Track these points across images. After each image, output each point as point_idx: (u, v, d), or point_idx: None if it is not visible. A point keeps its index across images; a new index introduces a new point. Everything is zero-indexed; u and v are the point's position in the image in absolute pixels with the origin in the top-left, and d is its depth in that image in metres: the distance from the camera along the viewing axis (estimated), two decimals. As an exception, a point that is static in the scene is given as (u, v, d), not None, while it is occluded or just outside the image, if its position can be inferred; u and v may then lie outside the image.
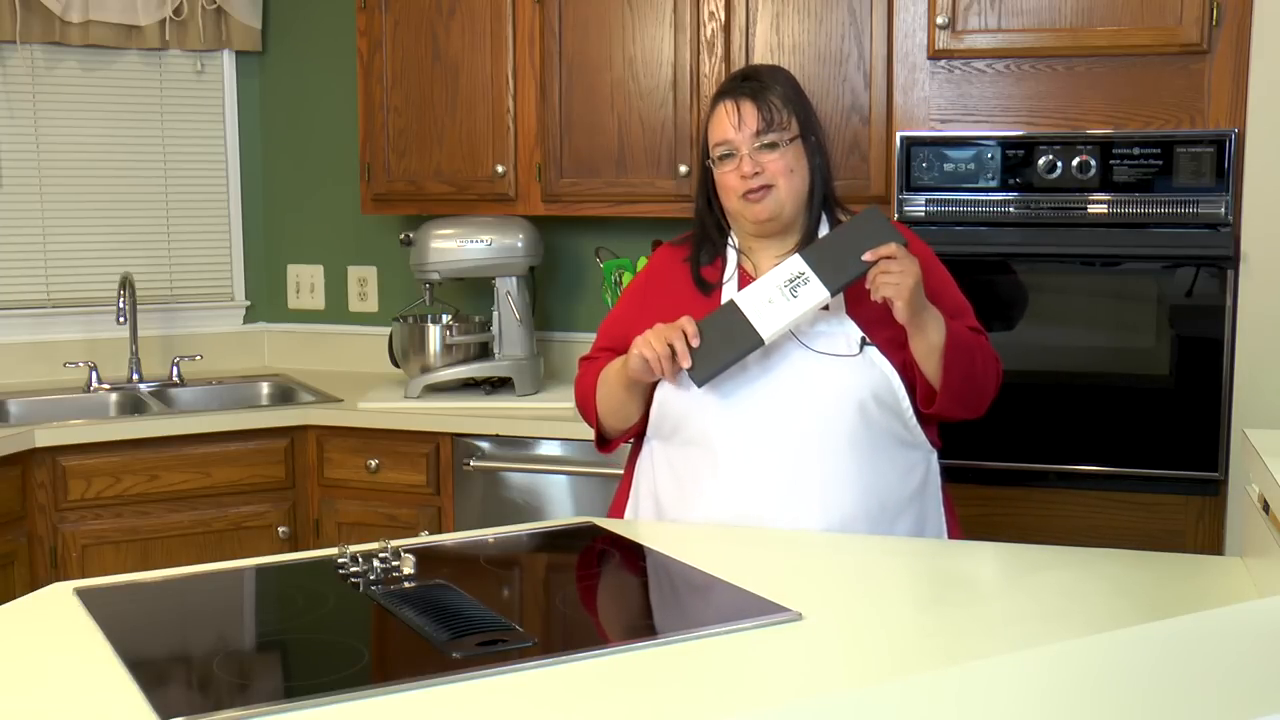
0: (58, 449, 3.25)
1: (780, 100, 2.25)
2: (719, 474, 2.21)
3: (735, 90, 2.28)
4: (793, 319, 2.14)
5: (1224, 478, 2.81)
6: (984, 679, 1.25)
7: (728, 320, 2.16)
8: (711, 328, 2.17)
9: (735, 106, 2.25)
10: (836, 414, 2.18)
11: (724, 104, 2.28)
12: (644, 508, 2.34)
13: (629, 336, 2.35)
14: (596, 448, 2.43)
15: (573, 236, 3.85)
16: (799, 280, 2.14)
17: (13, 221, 3.88)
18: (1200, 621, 1.39)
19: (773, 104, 2.24)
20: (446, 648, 1.61)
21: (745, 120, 2.24)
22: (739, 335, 2.15)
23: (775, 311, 2.14)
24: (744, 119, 2.24)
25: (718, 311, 2.19)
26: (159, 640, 1.71)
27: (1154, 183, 2.81)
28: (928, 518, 2.29)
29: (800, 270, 2.14)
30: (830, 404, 2.18)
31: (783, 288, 2.14)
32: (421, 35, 3.62)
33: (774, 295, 2.14)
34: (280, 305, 4.25)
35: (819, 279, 2.13)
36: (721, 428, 2.21)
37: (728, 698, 1.49)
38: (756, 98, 2.25)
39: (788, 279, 2.14)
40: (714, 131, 2.28)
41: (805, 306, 2.13)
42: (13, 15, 3.72)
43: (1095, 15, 2.85)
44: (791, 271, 2.15)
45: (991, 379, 2.30)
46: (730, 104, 2.26)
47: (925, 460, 2.29)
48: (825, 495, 2.18)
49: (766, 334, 2.14)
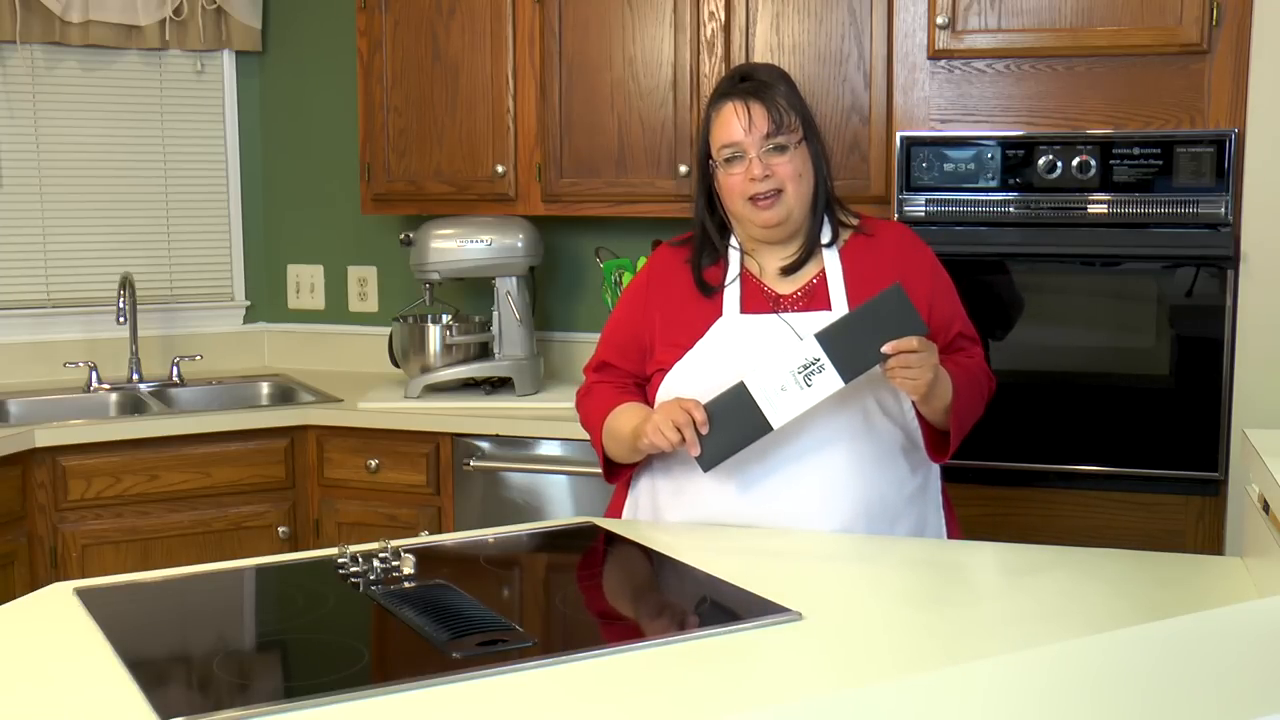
0: (58, 449, 3.25)
1: (786, 102, 2.23)
2: (718, 483, 2.20)
3: (740, 91, 2.24)
4: (805, 409, 2.10)
5: (1224, 478, 2.81)
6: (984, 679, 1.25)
7: (738, 405, 2.12)
8: (721, 411, 2.13)
9: (745, 108, 2.22)
10: (839, 417, 2.18)
11: (731, 105, 2.23)
12: (643, 507, 2.34)
13: (632, 339, 2.35)
14: (606, 479, 2.39)
15: (573, 236, 3.85)
16: (814, 368, 2.09)
17: (13, 221, 3.88)
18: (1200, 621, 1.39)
19: (780, 105, 2.22)
20: (446, 648, 1.61)
21: (756, 122, 2.21)
22: (749, 423, 2.11)
23: (787, 400, 2.10)
24: (754, 121, 2.21)
25: (728, 394, 2.14)
26: (159, 640, 1.71)
27: (1154, 183, 2.81)
28: (927, 520, 2.29)
29: (816, 357, 2.09)
30: (832, 407, 2.17)
31: (796, 374, 2.09)
32: (421, 35, 3.62)
33: (787, 382, 2.10)
34: (280, 305, 4.25)
35: (834, 368, 2.08)
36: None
37: (728, 698, 1.49)
38: (763, 98, 2.22)
39: (802, 365, 2.09)
40: (720, 133, 2.24)
41: (819, 397, 2.09)
42: (13, 15, 3.72)
43: (1095, 15, 2.85)
44: (807, 358, 2.09)
45: (987, 397, 2.31)
46: (740, 105, 2.22)
47: (925, 463, 2.29)
48: (825, 498, 2.17)
49: (777, 423, 2.11)
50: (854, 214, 2.35)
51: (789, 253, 2.29)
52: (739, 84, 2.27)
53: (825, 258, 2.28)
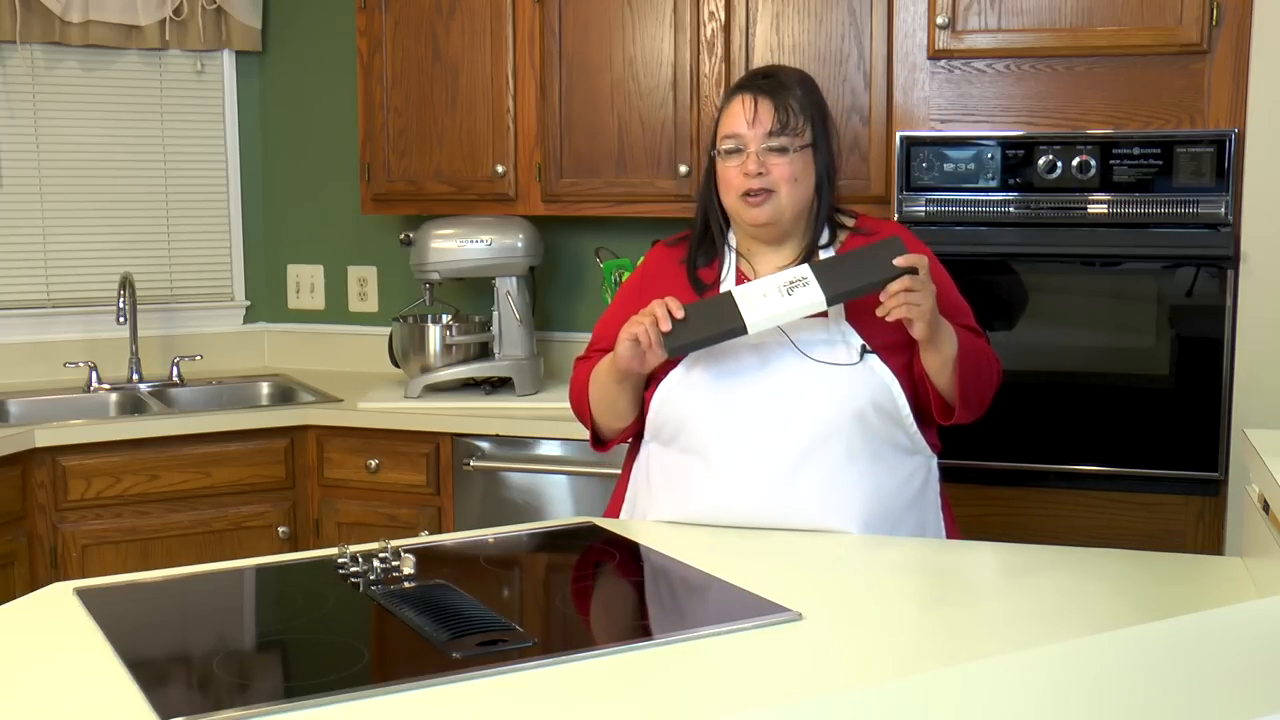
0: (58, 449, 3.25)
1: (798, 105, 2.23)
2: (714, 482, 2.20)
3: (754, 86, 2.24)
4: (781, 314, 2.11)
5: (1224, 478, 2.81)
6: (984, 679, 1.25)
7: (718, 304, 2.15)
8: (699, 308, 2.16)
9: (753, 102, 2.22)
10: (835, 423, 2.17)
11: (741, 97, 2.24)
12: (640, 507, 2.33)
13: None
14: (592, 446, 2.42)
15: (573, 236, 3.85)
16: (799, 282, 2.12)
17: (13, 221, 3.88)
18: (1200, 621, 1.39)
19: (790, 107, 2.22)
20: (446, 648, 1.61)
21: (760, 117, 2.21)
22: (724, 318, 2.13)
23: (766, 305, 2.12)
24: (759, 116, 2.21)
25: (712, 297, 2.19)
26: (159, 640, 1.71)
27: (1154, 183, 2.81)
28: (927, 521, 2.28)
29: (803, 275, 2.12)
30: (829, 413, 2.16)
31: (781, 286, 2.12)
32: (421, 35, 3.62)
33: (769, 290, 2.13)
34: (280, 305, 4.25)
35: (819, 285, 2.11)
36: (719, 436, 2.19)
37: (728, 698, 1.49)
38: (774, 97, 2.22)
39: (789, 280, 2.13)
40: (726, 123, 2.25)
41: (796, 305, 2.11)
42: (13, 15, 3.72)
43: (1095, 15, 2.85)
44: (795, 275, 2.13)
45: (994, 380, 2.30)
46: (748, 98, 2.23)
47: (925, 465, 2.28)
48: (823, 503, 2.16)
49: (751, 321, 2.11)
50: (851, 214, 2.35)
51: (784, 259, 2.28)
52: (759, 79, 2.27)
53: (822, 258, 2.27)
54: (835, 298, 2.11)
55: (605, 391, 2.30)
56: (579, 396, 2.38)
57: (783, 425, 2.17)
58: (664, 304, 2.14)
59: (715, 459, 2.20)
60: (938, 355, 2.15)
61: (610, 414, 2.32)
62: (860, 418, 2.18)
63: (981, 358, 2.24)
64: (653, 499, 2.30)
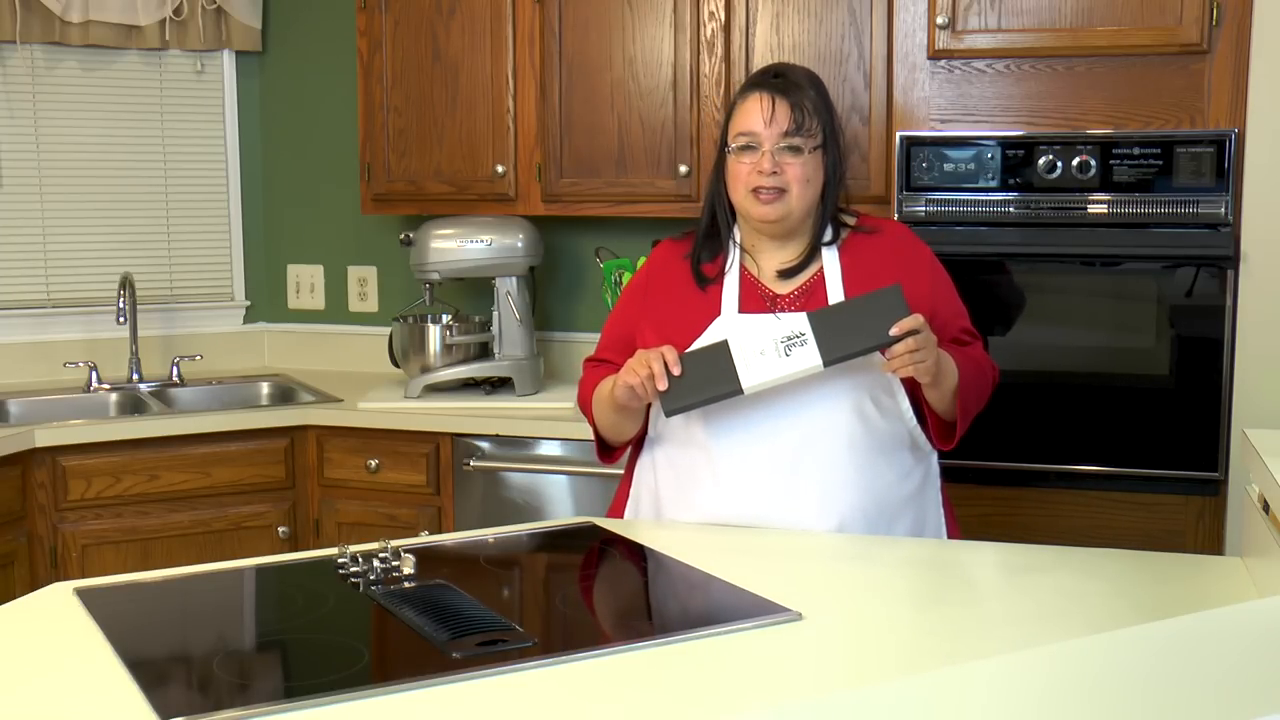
0: (58, 449, 3.25)
1: (812, 106, 2.25)
2: (717, 475, 2.21)
3: (770, 85, 2.26)
4: (778, 378, 2.10)
5: (1224, 478, 2.81)
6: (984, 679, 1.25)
7: (714, 359, 2.13)
8: (696, 362, 2.14)
9: (770, 101, 2.24)
10: (835, 417, 2.18)
11: (758, 95, 2.26)
12: (644, 507, 2.34)
13: (630, 335, 2.36)
14: (599, 457, 2.42)
15: (573, 236, 3.85)
16: (796, 340, 2.09)
17: (13, 221, 3.88)
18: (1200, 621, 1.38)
19: (805, 108, 2.24)
20: (446, 648, 1.61)
21: (777, 117, 2.23)
22: (720, 378, 2.11)
23: (763, 365, 2.10)
24: (776, 115, 2.23)
25: (707, 346, 2.16)
26: (159, 640, 1.71)
27: (1154, 183, 2.81)
28: (927, 519, 2.29)
29: (801, 331, 2.09)
30: (829, 407, 2.18)
31: (779, 343, 2.10)
32: (421, 35, 3.62)
33: (767, 348, 2.10)
34: (280, 305, 4.25)
35: (816, 346, 2.08)
36: (720, 429, 2.21)
37: (728, 698, 1.49)
38: (791, 97, 2.24)
39: (786, 336, 2.10)
40: (740, 120, 2.26)
41: (794, 369, 2.09)
42: (13, 15, 3.72)
43: (1095, 15, 2.85)
44: (792, 330, 2.10)
45: (991, 387, 2.32)
46: (765, 97, 2.24)
47: (925, 461, 2.30)
48: (823, 496, 2.18)
49: (747, 385, 2.11)
50: (852, 212, 2.37)
51: (788, 256, 2.29)
52: (772, 78, 2.29)
53: (824, 256, 2.29)
54: (832, 360, 2.09)
55: (606, 416, 2.32)
56: (584, 407, 2.40)
57: (784, 418, 2.19)
58: (661, 357, 2.14)
59: (718, 454, 2.21)
60: (939, 391, 2.18)
61: (615, 433, 2.36)
62: (861, 412, 2.19)
63: (980, 376, 2.26)
64: (659, 497, 2.31)
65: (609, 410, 2.29)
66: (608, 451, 2.40)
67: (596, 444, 2.40)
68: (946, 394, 2.18)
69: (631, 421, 2.31)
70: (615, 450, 2.40)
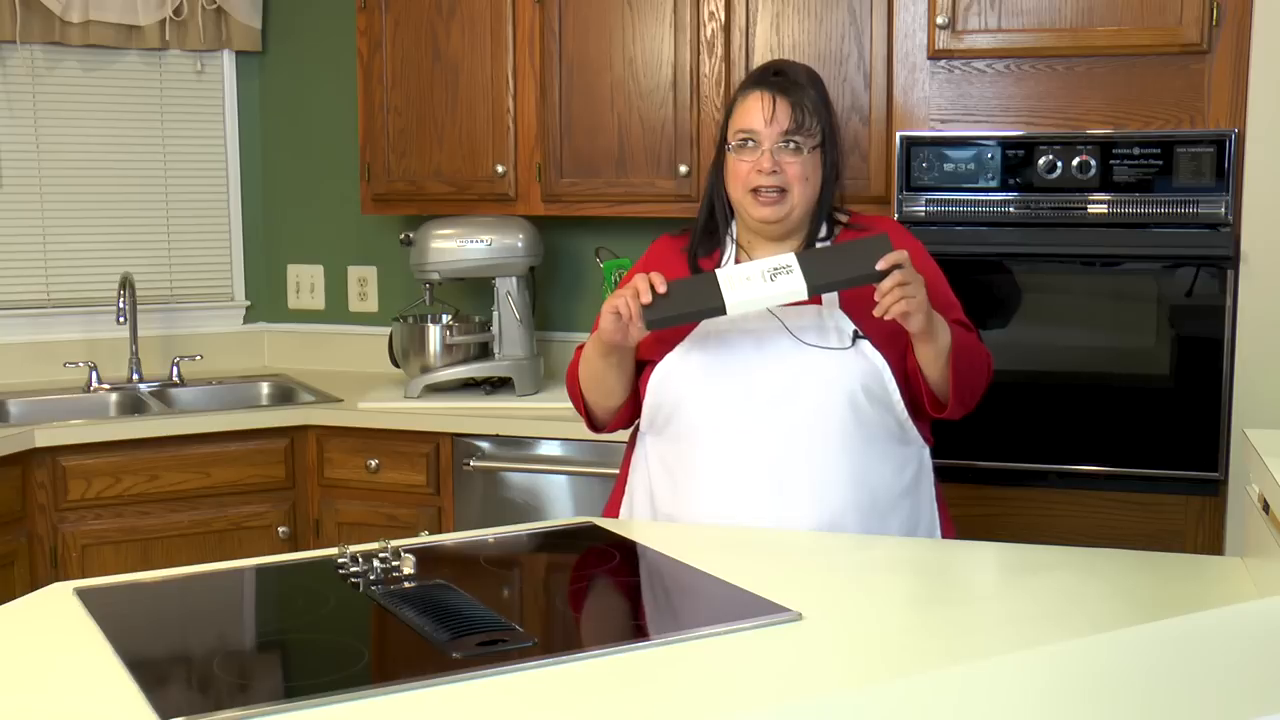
0: (58, 449, 3.25)
1: (811, 105, 2.26)
2: (709, 468, 2.22)
3: (771, 83, 2.27)
4: (762, 298, 2.13)
5: (1224, 478, 2.81)
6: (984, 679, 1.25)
7: (700, 283, 2.17)
8: (682, 285, 2.18)
9: (771, 99, 2.24)
10: (826, 407, 2.18)
11: (759, 93, 2.26)
12: (638, 504, 2.34)
13: None
14: (587, 426, 2.41)
15: (573, 236, 3.85)
16: (783, 270, 2.13)
17: (13, 221, 3.88)
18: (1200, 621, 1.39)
19: (805, 106, 2.25)
20: (446, 648, 1.61)
21: (778, 115, 2.23)
22: (704, 296, 2.15)
23: (748, 288, 2.13)
24: (777, 114, 2.23)
25: (695, 276, 2.21)
26: (159, 640, 1.71)
27: (1154, 183, 2.81)
28: (920, 515, 2.29)
29: (787, 263, 2.13)
30: (820, 397, 2.18)
31: (765, 272, 2.13)
32: (421, 35, 3.62)
33: (753, 275, 2.14)
34: (280, 305, 4.25)
35: (802, 275, 2.12)
36: (712, 420, 2.21)
37: (727, 698, 1.49)
38: (791, 96, 2.24)
39: (773, 267, 2.14)
40: (741, 118, 2.27)
41: (778, 291, 2.12)
42: (13, 15, 3.72)
43: (1095, 15, 2.85)
44: (780, 262, 2.14)
45: (986, 374, 2.30)
46: (766, 95, 2.25)
47: (918, 456, 2.29)
48: (815, 490, 2.18)
49: (730, 302, 2.13)
50: (846, 211, 2.38)
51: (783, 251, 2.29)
52: (772, 76, 2.29)
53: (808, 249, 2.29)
54: (817, 288, 2.12)
55: (593, 368, 2.31)
56: (572, 378, 2.40)
57: (775, 408, 2.19)
58: (647, 277, 2.16)
59: (710, 447, 2.21)
60: (932, 347, 2.16)
61: (600, 391, 2.33)
62: (852, 402, 2.19)
63: (974, 352, 2.25)
64: (654, 495, 2.30)
65: (595, 357, 2.28)
66: (595, 424, 2.40)
67: (585, 416, 2.39)
68: (941, 352, 2.16)
69: (615, 374, 2.28)
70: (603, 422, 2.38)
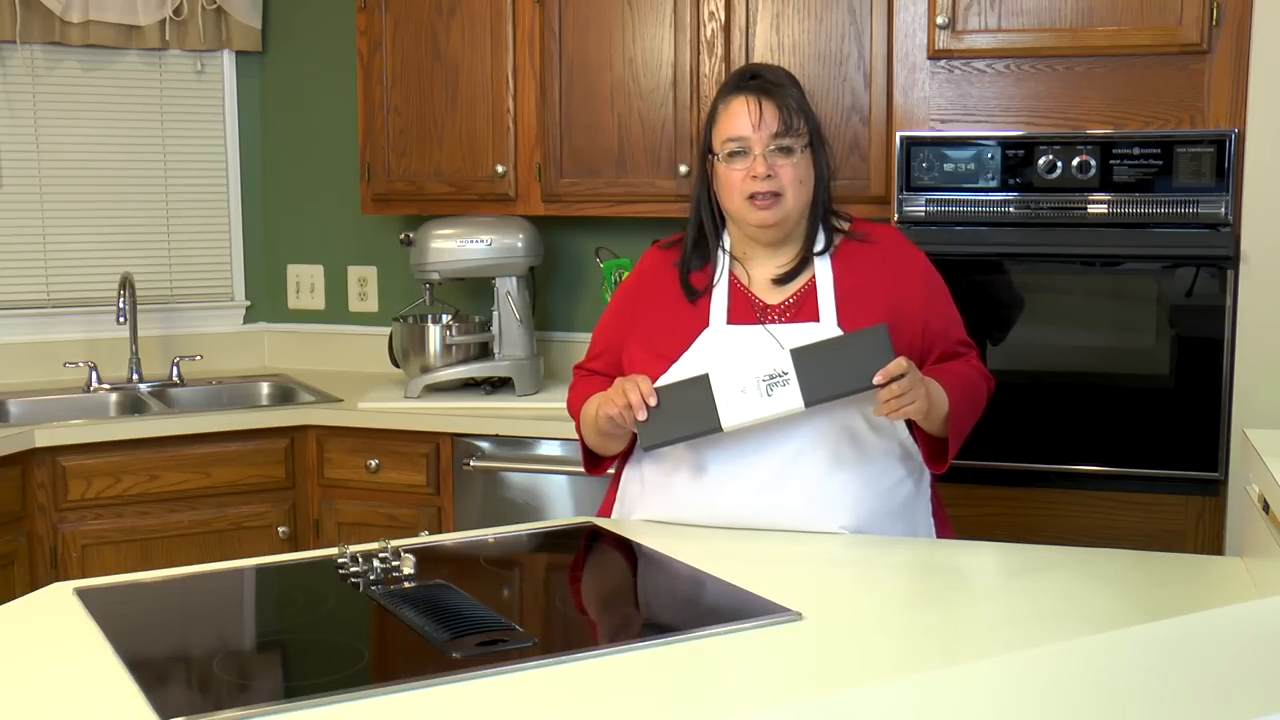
0: (58, 449, 3.25)
1: (796, 105, 2.21)
2: (705, 486, 2.19)
3: (753, 87, 2.22)
4: (758, 418, 2.08)
5: (1224, 478, 2.81)
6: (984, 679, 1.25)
7: (695, 393, 2.10)
8: (677, 394, 2.12)
9: (756, 104, 2.19)
10: (826, 426, 2.16)
11: (743, 99, 2.21)
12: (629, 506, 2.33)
13: (619, 344, 2.34)
14: (586, 469, 2.41)
15: (573, 236, 3.85)
16: (779, 380, 2.07)
17: (13, 221, 3.88)
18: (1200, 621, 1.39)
19: (791, 107, 2.20)
20: (446, 648, 1.61)
21: (766, 120, 2.19)
22: (700, 414, 2.09)
23: (744, 403, 2.08)
24: (765, 118, 2.19)
25: (688, 380, 2.13)
26: (159, 640, 1.71)
27: (1154, 183, 2.81)
28: (917, 530, 2.26)
29: (784, 370, 2.07)
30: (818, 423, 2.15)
31: (761, 381, 2.07)
32: (421, 35, 3.62)
33: (749, 386, 2.08)
34: (280, 305, 4.25)
35: (799, 387, 2.06)
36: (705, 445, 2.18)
37: (728, 698, 1.49)
38: (776, 98, 2.20)
39: (769, 374, 2.07)
40: (727, 126, 2.22)
41: (775, 410, 2.07)
42: (13, 15, 3.72)
43: (1095, 15, 2.84)
44: (775, 368, 2.07)
45: (986, 400, 2.30)
46: (751, 100, 2.20)
47: (918, 471, 2.27)
48: (807, 507, 2.16)
49: (727, 424, 2.09)
50: (845, 216, 2.34)
51: (782, 262, 2.27)
52: (750, 80, 2.25)
53: (816, 265, 2.26)
54: (814, 402, 2.07)
55: (593, 439, 2.33)
56: (575, 416, 2.39)
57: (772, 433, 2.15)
58: (638, 389, 2.11)
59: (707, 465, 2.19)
60: (931, 421, 2.17)
61: (602, 450, 2.35)
62: (850, 429, 2.17)
63: (974, 394, 2.24)
64: (643, 497, 2.29)
65: (594, 433, 2.30)
66: (595, 463, 2.39)
67: (584, 457, 2.39)
68: (938, 421, 2.17)
69: (617, 442, 2.30)
70: (603, 462, 2.38)
